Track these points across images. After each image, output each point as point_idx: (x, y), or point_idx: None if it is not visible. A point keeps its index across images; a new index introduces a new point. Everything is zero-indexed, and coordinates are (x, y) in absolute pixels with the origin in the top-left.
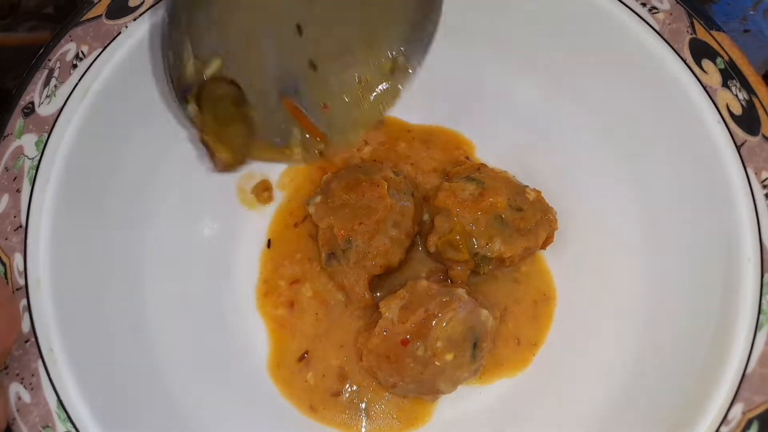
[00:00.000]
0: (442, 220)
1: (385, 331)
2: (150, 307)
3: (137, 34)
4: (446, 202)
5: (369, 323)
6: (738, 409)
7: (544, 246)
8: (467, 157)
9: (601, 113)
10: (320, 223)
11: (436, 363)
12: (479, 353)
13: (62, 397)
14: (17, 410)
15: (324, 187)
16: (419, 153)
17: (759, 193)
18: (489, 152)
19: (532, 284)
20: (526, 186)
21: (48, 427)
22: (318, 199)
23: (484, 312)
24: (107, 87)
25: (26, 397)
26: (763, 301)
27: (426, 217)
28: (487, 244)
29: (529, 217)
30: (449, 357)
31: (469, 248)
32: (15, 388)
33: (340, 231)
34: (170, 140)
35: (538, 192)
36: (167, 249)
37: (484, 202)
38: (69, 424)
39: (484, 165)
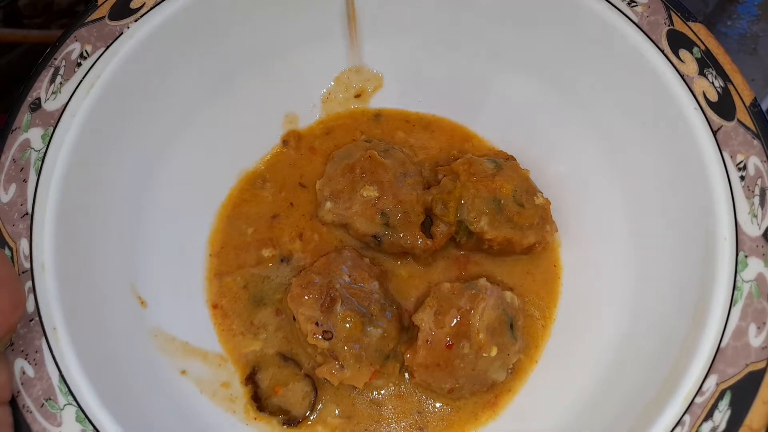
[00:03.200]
0: (448, 180)
1: (428, 341)
2: (148, 289)
3: (138, 34)
4: (460, 168)
5: (408, 340)
6: (712, 381)
7: (527, 251)
8: (459, 151)
9: (584, 103)
10: (350, 220)
11: (484, 355)
12: (517, 332)
13: (64, 372)
14: (22, 384)
15: (326, 196)
16: (418, 137)
17: (734, 175)
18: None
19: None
20: (540, 192)
21: (50, 399)
22: (329, 205)
23: (508, 293)
24: (109, 84)
25: (30, 371)
26: (738, 278)
27: (441, 176)
28: (474, 218)
29: (525, 216)
30: (494, 345)
31: (457, 213)
32: (20, 364)
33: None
34: (170, 134)
35: (548, 201)
36: (166, 235)
37: (491, 183)
38: (70, 397)
39: (513, 157)
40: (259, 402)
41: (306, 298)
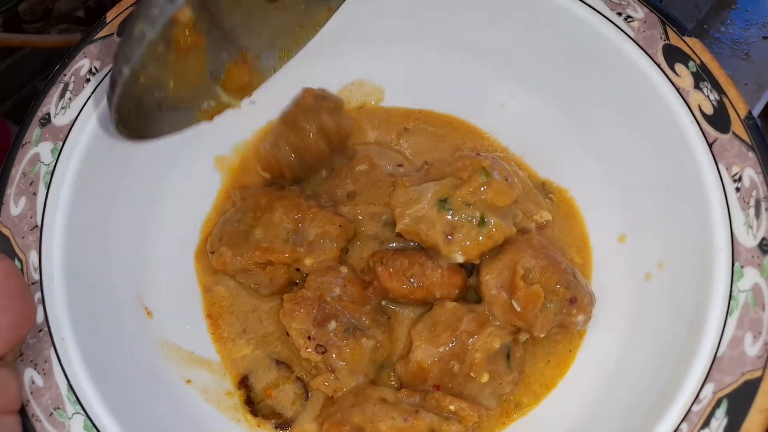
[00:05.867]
0: None
1: (419, 356)
2: (154, 300)
3: None
4: None
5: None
6: (709, 389)
7: None
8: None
9: (581, 115)
10: None
11: (472, 375)
12: (513, 363)
13: (72, 382)
14: (31, 393)
15: None
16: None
17: (730, 187)
18: None
19: None
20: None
21: (59, 408)
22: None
23: None
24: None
25: (39, 381)
26: (734, 288)
27: None
28: None
29: None
30: (486, 371)
31: None
32: (29, 373)
33: None
34: (177, 148)
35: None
36: (172, 246)
37: None
38: (78, 406)
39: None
40: (252, 406)
41: (297, 313)
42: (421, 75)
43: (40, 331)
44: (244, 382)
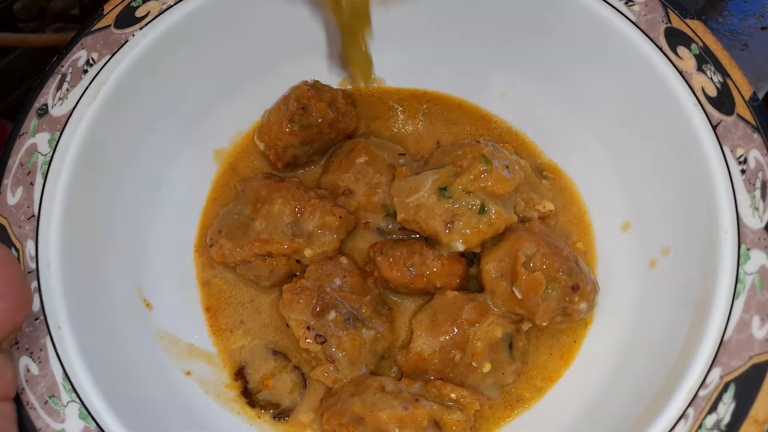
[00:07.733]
0: None
1: (420, 346)
2: (153, 292)
3: (143, 42)
4: None
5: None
6: (716, 374)
7: None
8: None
9: (584, 101)
10: None
11: (473, 365)
12: (516, 353)
13: (67, 370)
14: (26, 381)
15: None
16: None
17: (735, 169)
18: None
19: None
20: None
21: (54, 396)
22: None
23: None
24: (115, 90)
25: (34, 369)
26: (740, 270)
27: None
28: None
29: None
30: (487, 361)
31: None
32: (24, 362)
33: None
34: (174, 139)
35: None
36: (172, 238)
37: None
38: (73, 394)
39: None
40: (249, 397)
41: (297, 303)
42: (420, 64)
43: (36, 319)
44: (240, 374)
